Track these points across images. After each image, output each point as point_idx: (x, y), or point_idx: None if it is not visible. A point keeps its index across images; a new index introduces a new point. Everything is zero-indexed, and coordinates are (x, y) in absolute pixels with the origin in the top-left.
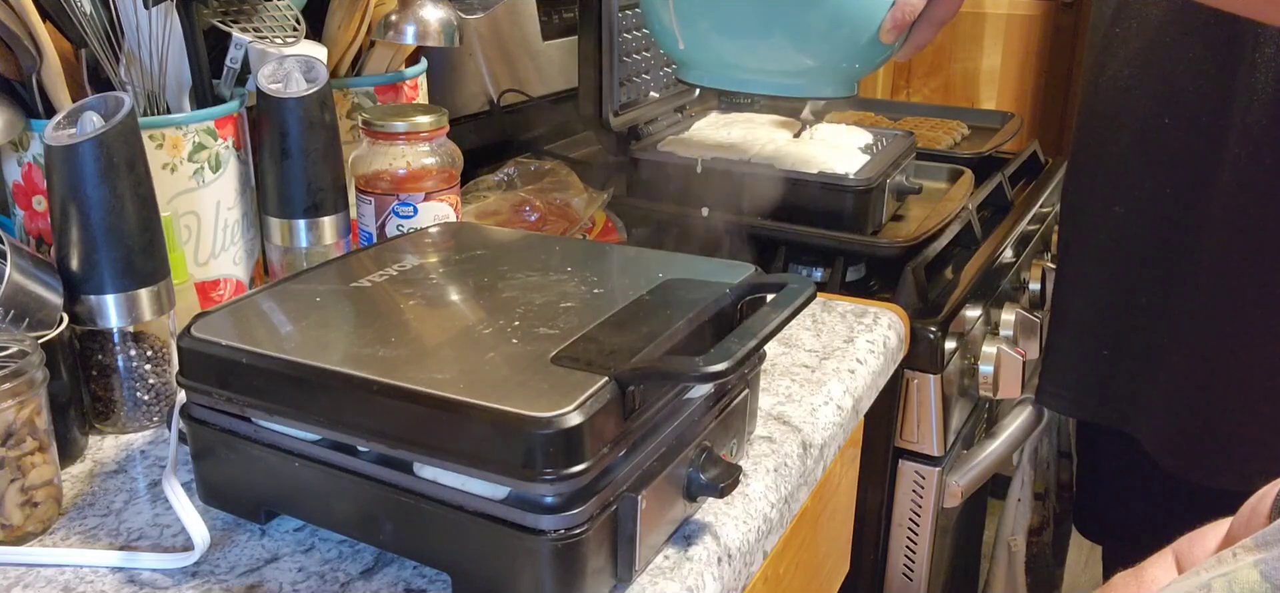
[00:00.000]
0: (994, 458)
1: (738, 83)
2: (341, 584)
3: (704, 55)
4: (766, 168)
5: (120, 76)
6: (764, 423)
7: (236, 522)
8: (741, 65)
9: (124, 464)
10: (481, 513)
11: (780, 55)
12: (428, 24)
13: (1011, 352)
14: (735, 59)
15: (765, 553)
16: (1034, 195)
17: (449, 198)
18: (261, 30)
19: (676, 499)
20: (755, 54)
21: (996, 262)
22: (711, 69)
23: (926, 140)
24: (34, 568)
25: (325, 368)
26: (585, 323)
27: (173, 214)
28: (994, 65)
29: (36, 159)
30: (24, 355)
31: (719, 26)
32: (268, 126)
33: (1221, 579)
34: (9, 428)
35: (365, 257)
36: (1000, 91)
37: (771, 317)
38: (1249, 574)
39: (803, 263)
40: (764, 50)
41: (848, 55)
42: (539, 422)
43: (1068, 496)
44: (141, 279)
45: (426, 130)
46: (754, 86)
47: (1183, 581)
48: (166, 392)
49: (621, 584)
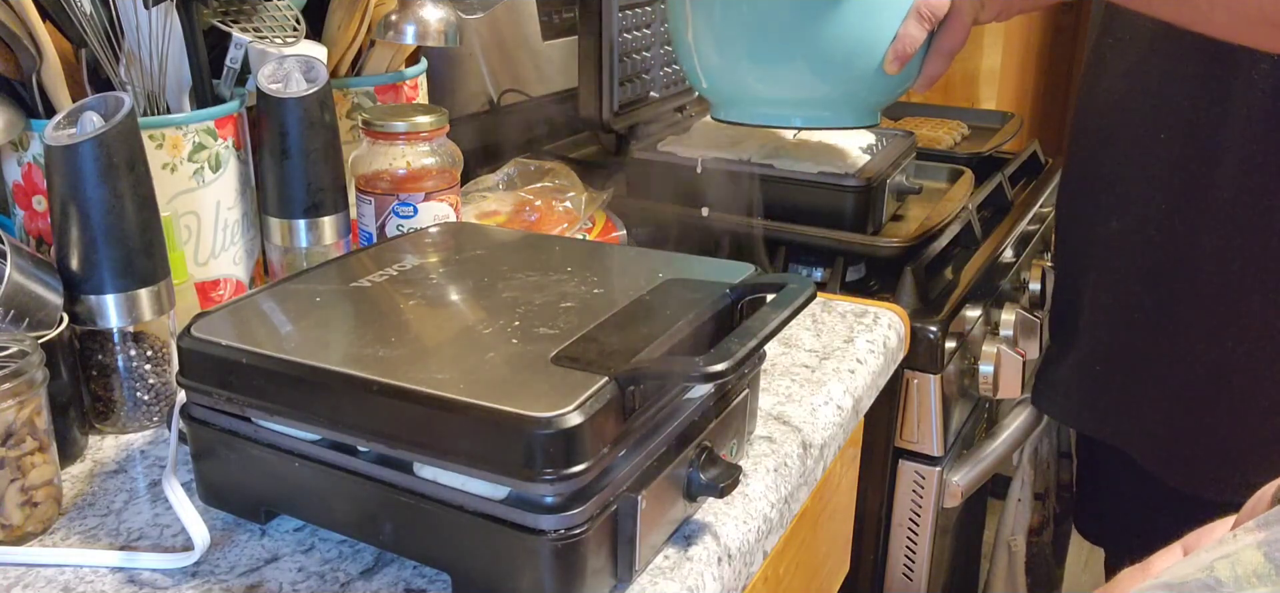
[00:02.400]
0: (994, 458)
1: (762, 118)
2: (341, 584)
3: (727, 91)
4: (766, 168)
5: (120, 76)
6: (764, 423)
7: (236, 522)
8: (763, 99)
9: (124, 464)
10: (481, 513)
11: (800, 89)
12: (428, 24)
13: (1011, 352)
14: (756, 94)
15: (765, 553)
16: (1034, 195)
17: (449, 198)
18: (261, 30)
19: (676, 499)
20: (775, 88)
21: (996, 262)
22: (737, 105)
23: (926, 140)
24: (34, 568)
25: (325, 368)
26: (585, 323)
27: (173, 214)
28: (994, 65)
29: (36, 159)
30: (24, 355)
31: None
32: (268, 126)
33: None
34: (9, 428)
35: (365, 257)
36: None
37: (771, 317)
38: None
39: (803, 263)
40: (783, 84)
41: (864, 87)
42: (539, 422)
43: (1068, 496)
44: (141, 279)
45: (426, 130)
46: (777, 120)
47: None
48: (166, 392)
49: (621, 584)
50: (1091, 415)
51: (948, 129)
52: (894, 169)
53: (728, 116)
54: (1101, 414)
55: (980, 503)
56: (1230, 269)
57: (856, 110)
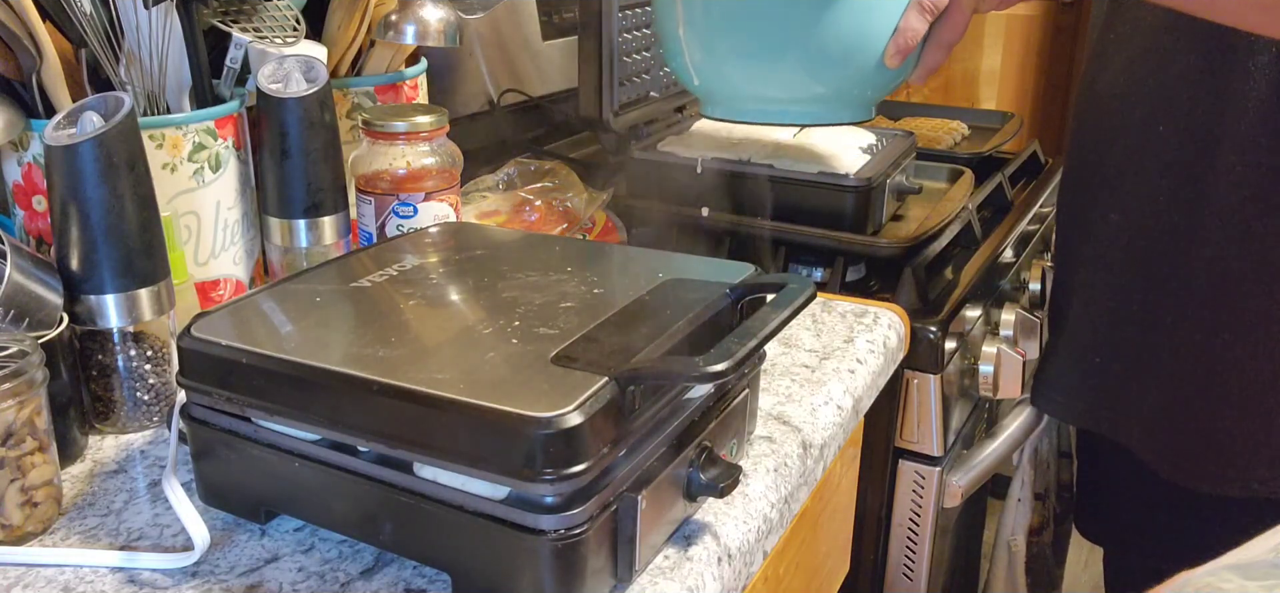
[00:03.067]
0: (994, 458)
1: (754, 114)
2: (341, 584)
3: (719, 88)
4: (766, 168)
5: (120, 76)
6: (764, 423)
7: (236, 522)
8: (756, 96)
9: (124, 464)
10: (481, 513)
11: (794, 85)
12: (428, 24)
13: (1011, 352)
14: (749, 90)
15: (765, 553)
16: (1034, 195)
17: (449, 198)
18: (261, 30)
19: (676, 499)
20: (768, 85)
21: (996, 262)
22: (729, 102)
23: (926, 140)
24: (34, 568)
25: (325, 368)
26: (585, 323)
27: (173, 214)
28: (994, 65)
29: (36, 159)
30: (24, 355)
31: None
32: (268, 126)
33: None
34: (9, 428)
35: (365, 257)
36: (1000, 91)
37: (771, 317)
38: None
39: (803, 263)
40: (777, 81)
41: (860, 82)
42: (539, 422)
43: (1068, 496)
44: (141, 279)
45: (426, 130)
46: (770, 117)
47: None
48: (166, 392)
49: (621, 584)
50: (1088, 408)
51: (948, 129)
52: (894, 169)
53: (720, 114)
54: (1098, 407)
55: (980, 503)
56: (1227, 262)
57: (852, 105)
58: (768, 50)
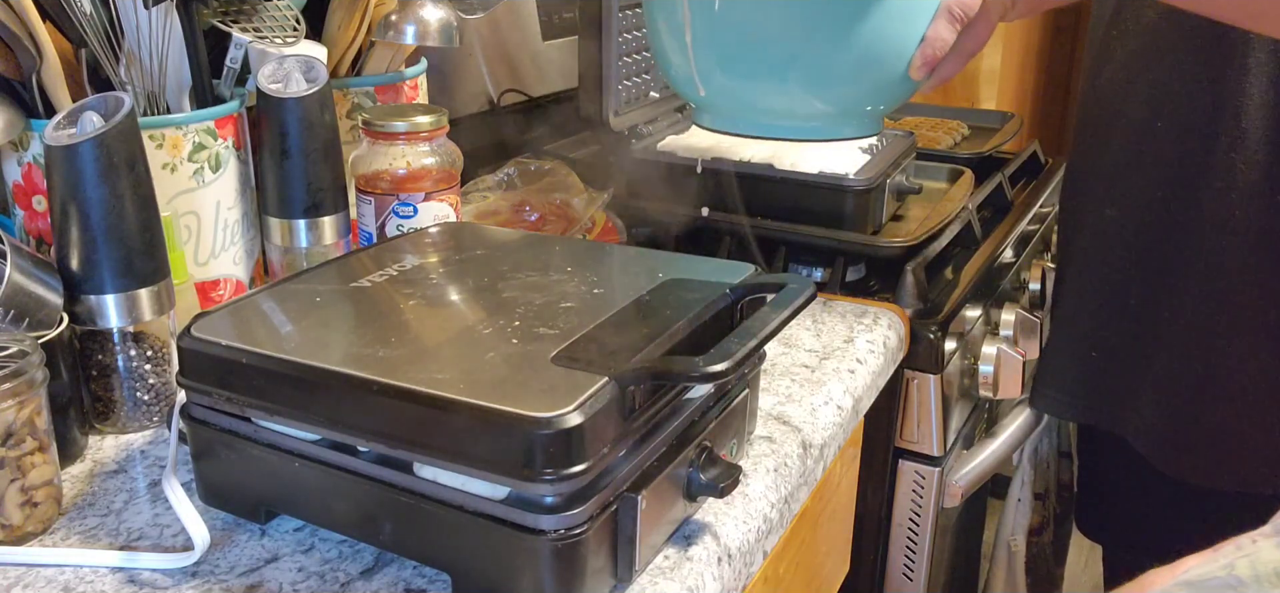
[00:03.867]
0: (994, 458)
1: (761, 128)
2: (341, 584)
3: (726, 102)
4: (766, 168)
5: (120, 76)
6: (764, 423)
7: (236, 522)
8: (765, 110)
9: (124, 464)
10: (481, 513)
11: (805, 101)
12: (428, 24)
13: (1011, 352)
14: (759, 104)
15: (765, 553)
16: (1034, 195)
17: (449, 198)
18: (261, 30)
19: (676, 499)
20: (780, 100)
21: (996, 262)
22: (733, 115)
23: (926, 140)
24: (34, 568)
25: (325, 368)
26: (585, 323)
27: (173, 214)
28: (994, 65)
29: (36, 159)
30: (24, 355)
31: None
32: (268, 126)
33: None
34: (9, 428)
35: (365, 257)
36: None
37: (771, 317)
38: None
39: (803, 263)
40: (789, 96)
41: (874, 96)
42: (539, 422)
43: (1068, 496)
44: (141, 279)
45: (426, 130)
46: (778, 132)
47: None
48: (166, 392)
49: (621, 584)
50: (1087, 403)
51: (948, 129)
52: (894, 169)
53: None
54: (1097, 402)
55: (980, 503)
56: (1225, 257)
57: (861, 120)
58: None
